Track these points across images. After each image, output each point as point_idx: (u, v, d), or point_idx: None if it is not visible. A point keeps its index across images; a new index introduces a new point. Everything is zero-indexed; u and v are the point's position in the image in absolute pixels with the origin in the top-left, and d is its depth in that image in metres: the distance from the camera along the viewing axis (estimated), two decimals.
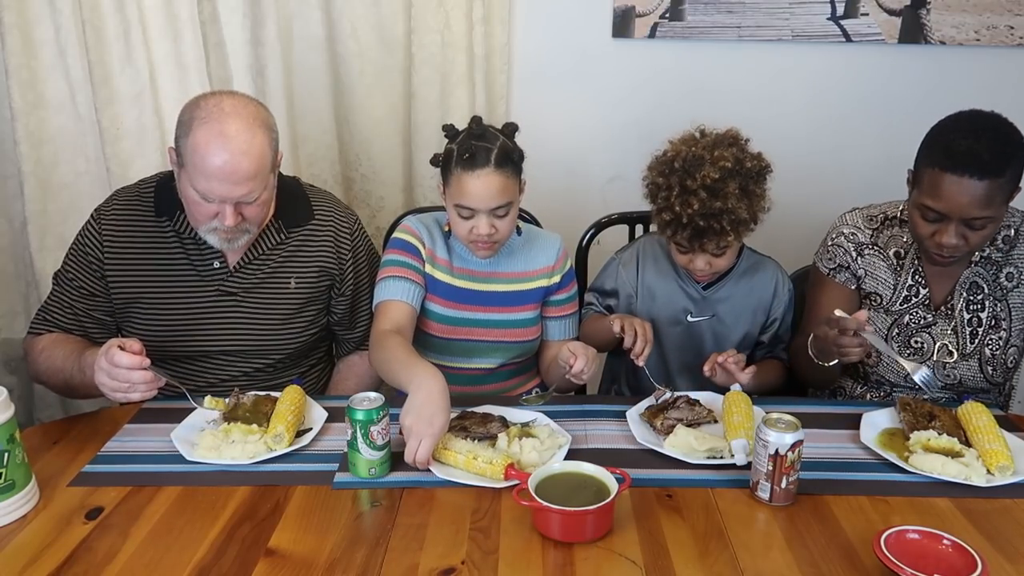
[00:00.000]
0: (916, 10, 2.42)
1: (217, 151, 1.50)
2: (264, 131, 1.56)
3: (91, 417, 1.63)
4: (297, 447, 1.46)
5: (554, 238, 1.85)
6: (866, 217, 1.78)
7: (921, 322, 1.73)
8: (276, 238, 1.73)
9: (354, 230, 1.82)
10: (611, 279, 1.87)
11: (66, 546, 1.21)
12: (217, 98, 1.56)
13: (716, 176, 1.56)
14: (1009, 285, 1.70)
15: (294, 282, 1.74)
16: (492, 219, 1.65)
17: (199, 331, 1.70)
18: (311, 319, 1.78)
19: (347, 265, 1.80)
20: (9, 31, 2.06)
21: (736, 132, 1.67)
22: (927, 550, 1.14)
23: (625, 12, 2.43)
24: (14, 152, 2.15)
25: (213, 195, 1.53)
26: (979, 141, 1.50)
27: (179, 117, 1.57)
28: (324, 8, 2.36)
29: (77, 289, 1.68)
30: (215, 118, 1.51)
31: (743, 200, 1.58)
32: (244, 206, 1.57)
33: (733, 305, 1.80)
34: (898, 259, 1.75)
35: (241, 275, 1.71)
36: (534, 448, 1.42)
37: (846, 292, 1.79)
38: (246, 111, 1.55)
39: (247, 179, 1.53)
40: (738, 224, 1.58)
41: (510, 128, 1.70)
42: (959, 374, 1.73)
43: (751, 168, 1.61)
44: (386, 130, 2.48)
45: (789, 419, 1.32)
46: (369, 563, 1.18)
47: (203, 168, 1.51)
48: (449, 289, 1.77)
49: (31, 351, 1.70)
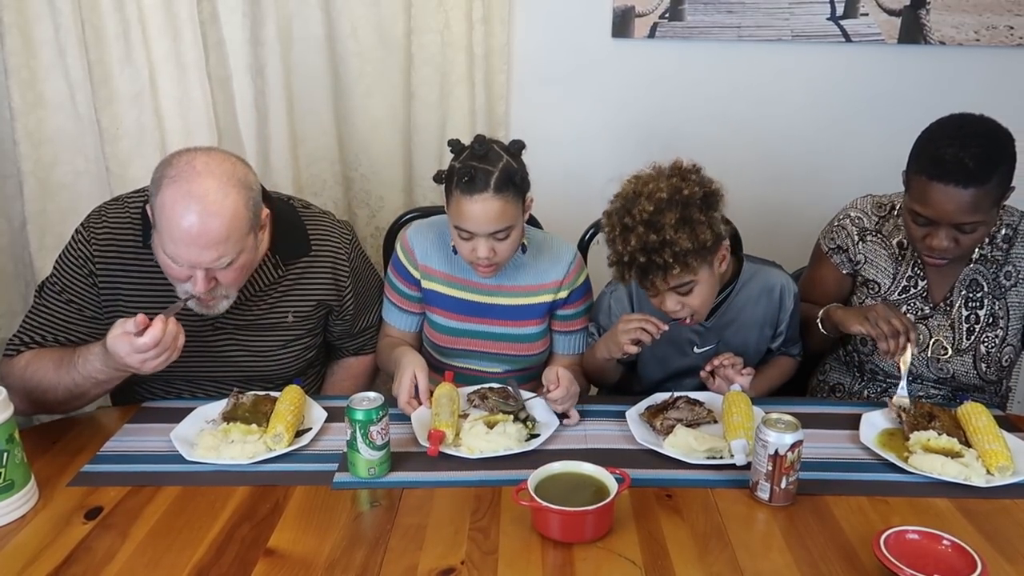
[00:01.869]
0: (916, 10, 2.42)
1: (184, 213, 1.39)
2: (239, 190, 1.44)
3: (91, 417, 1.63)
4: (296, 447, 1.46)
5: (567, 250, 1.80)
6: (876, 204, 1.80)
7: (918, 314, 1.74)
8: (273, 274, 1.65)
9: (351, 253, 1.75)
10: (605, 315, 1.79)
11: (65, 546, 1.21)
12: (190, 155, 1.45)
13: (651, 209, 1.48)
14: (1008, 284, 1.71)
15: (292, 316, 1.69)
16: (492, 242, 1.61)
17: (191, 362, 1.60)
18: (307, 345, 1.75)
19: (347, 292, 1.75)
20: (8, 30, 2.05)
21: (681, 162, 1.57)
22: (927, 550, 1.14)
23: (625, 12, 2.43)
24: (13, 152, 2.14)
25: (181, 260, 1.43)
26: (965, 148, 1.51)
27: (152, 175, 1.47)
28: (324, 8, 2.36)
29: (67, 303, 1.60)
30: (184, 177, 1.41)
31: (683, 230, 1.47)
32: (218, 271, 1.46)
33: (739, 327, 1.74)
34: (900, 249, 1.76)
35: (235, 313, 1.62)
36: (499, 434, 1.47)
37: (838, 274, 1.83)
38: (220, 169, 1.44)
39: (217, 243, 1.41)
40: (684, 255, 1.48)
41: (516, 146, 1.65)
42: (952, 368, 1.74)
43: (690, 196, 1.50)
44: (386, 130, 2.48)
45: (789, 419, 1.32)
46: (368, 563, 1.18)
47: (170, 230, 1.41)
48: (450, 300, 1.77)
49: (9, 375, 1.56)
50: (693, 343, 1.75)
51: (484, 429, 1.48)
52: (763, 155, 2.53)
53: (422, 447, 1.45)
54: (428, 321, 1.79)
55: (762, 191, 2.46)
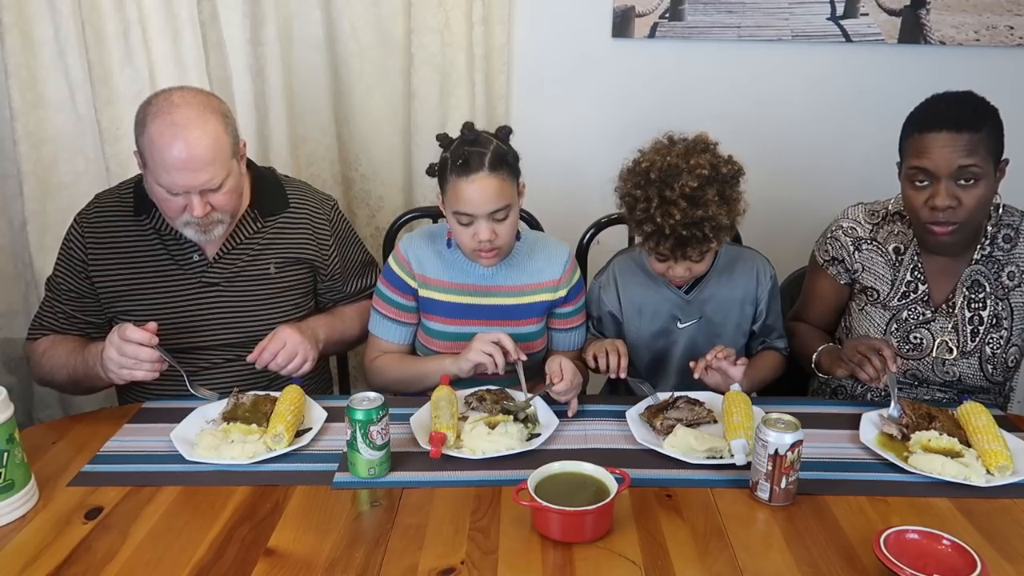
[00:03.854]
0: (916, 10, 2.43)
1: (171, 141, 1.52)
2: (216, 116, 1.58)
3: (91, 417, 1.63)
4: (296, 447, 1.46)
5: (561, 249, 1.82)
6: (868, 212, 1.80)
7: (920, 318, 1.74)
8: (253, 227, 1.75)
9: (331, 216, 1.85)
10: (595, 306, 1.86)
11: (65, 546, 1.21)
12: (167, 93, 1.59)
13: (695, 184, 1.55)
14: (1011, 284, 1.70)
15: (273, 267, 1.77)
16: (492, 224, 1.62)
17: (185, 324, 1.72)
18: (296, 303, 1.80)
19: (331, 251, 1.83)
20: (8, 31, 2.06)
21: (706, 136, 1.65)
22: (927, 550, 1.14)
23: (625, 12, 2.43)
24: (13, 152, 2.15)
25: (176, 187, 1.55)
26: (953, 104, 1.60)
27: (135, 118, 1.59)
28: (324, 8, 2.36)
29: (66, 293, 1.72)
30: (165, 111, 1.54)
31: (723, 206, 1.57)
32: (211, 194, 1.58)
33: (720, 302, 1.79)
34: (897, 254, 1.75)
35: (221, 266, 1.73)
36: (501, 435, 1.47)
37: (836, 285, 1.83)
38: (196, 99, 1.58)
39: (205, 164, 1.54)
40: (719, 230, 1.58)
41: (504, 131, 1.69)
42: (958, 372, 1.73)
43: (727, 173, 1.59)
44: (386, 130, 2.48)
45: (789, 419, 1.32)
46: (369, 563, 1.18)
47: (161, 161, 1.53)
48: (448, 307, 1.76)
49: (32, 355, 1.74)
50: (677, 318, 1.80)
51: (485, 430, 1.48)
52: (763, 155, 2.51)
53: (422, 447, 1.45)
54: (425, 329, 1.78)
55: (762, 190, 2.43)
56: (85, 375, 1.62)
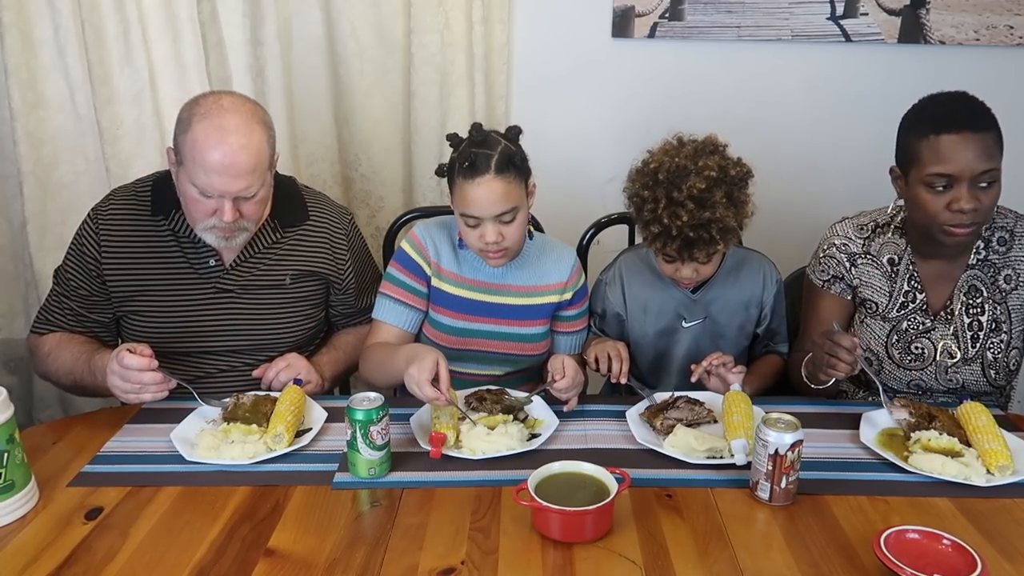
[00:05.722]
0: (916, 10, 2.43)
1: (216, 145, 1.52)
2: (262, 128, 1.59)
3: (91, 417, 1.63)
4: (297, 447, 1.46)
5: (568, 253, 1.82)
6: (856, 227, 1.77)
7: (920, 328, 1.72)
8: (272, 237, 1.74)
9: (349, 230, 1.84)
10: (599, 302, 1.86)
11: (66, 546, 1.21)
12: (216, 96, 1.59)
13: (703, 186, 1.55)
14: (1008, 287, 1.70)
15: (289, 279, 1.76)
16: (499, 226, 1.62)
17: (196, 328, 1.71)
18: (308, 315, 1.80)
19: (347, 266, 1.82)
20: (8, 31, 2.06)
21: (715, 138, 1.65)
22: (927, 550, 1.14)
23: (625, 12, 2.43)
24: (13, 152, 2.15)
25: (212, 189, 1.54)
26: (958, 103, 1.57)
27: (178, 116, 1.59)
28: (324, 8, 2.36)
29: (75, 290, 1.70)
30: (214, 114, 1.54)
31: (730, 208, 1.57)
32: (242, 203, 1.58)
33: (725, 303, 1.79)
34: (892, 266, 1.73)
35: (237, 273, 1.72)
36: (501, 435, 1.47)
37: (842, 303, 1.79)
38: (244, 108, 1.58)
39: (246, 172, 1.54)
40: (727, 232, 1.58)
41: (513, 132, 1.68)
42: (961, 378, 1.72)
43: (735, 175, 1.60)
44: (386, 130, 2.48)
45: (789, 419, 1.32)
46: (369, 563, 1.18)
47: (202, 162, 1.53)
48: (457, 301, 1.76)
49: (37, 351, 1.72)
50: (682, 317, 1.80)
51: (485, 430, 1.48)
52: (763, 155, 2.49)
53: (422, 448, 1.45)
54: (432, 322, 1.77)
55: (761, 190, 2.43)
56: (93, 386, 1.61)
